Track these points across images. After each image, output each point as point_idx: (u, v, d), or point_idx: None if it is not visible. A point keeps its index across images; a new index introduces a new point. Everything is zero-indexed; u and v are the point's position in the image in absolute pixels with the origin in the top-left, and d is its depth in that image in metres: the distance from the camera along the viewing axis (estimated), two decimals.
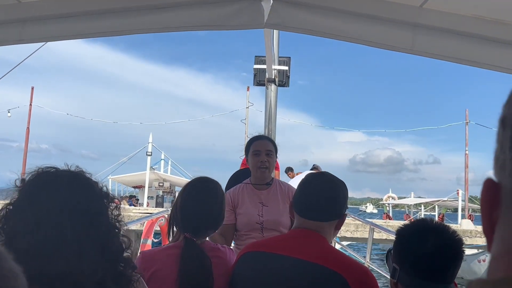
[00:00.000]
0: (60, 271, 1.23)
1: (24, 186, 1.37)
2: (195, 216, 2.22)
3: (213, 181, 2.35)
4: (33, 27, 3.11)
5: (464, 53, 2.89)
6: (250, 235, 3.12)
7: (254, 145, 3.24)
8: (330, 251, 1.96)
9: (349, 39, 3.01)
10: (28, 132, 27.49)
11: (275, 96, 6.05)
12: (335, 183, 2.03)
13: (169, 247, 2.21)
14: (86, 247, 1.30)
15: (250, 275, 2.00)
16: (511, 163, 0.48)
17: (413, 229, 1.76)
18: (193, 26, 3.10)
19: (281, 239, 2.11)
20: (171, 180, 31.84)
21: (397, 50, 2.98)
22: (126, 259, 1.42)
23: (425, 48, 2.91)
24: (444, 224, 1.79)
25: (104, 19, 3.07)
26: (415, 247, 1.69)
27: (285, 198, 3.18)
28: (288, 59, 6.12)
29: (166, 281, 2.09)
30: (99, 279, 1.29)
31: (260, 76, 6.01)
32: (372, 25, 2.92)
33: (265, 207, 3.17)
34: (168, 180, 31.69)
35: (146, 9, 3.04)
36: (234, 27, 3.02)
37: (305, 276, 1.86)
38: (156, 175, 31.11)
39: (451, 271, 1.69)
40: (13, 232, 1.29)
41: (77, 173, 1.43)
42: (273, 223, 3.12)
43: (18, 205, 1.34)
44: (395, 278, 1.73)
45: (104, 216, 1.40)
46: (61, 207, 1.31)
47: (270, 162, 3.22)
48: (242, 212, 3.17)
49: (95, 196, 1.40)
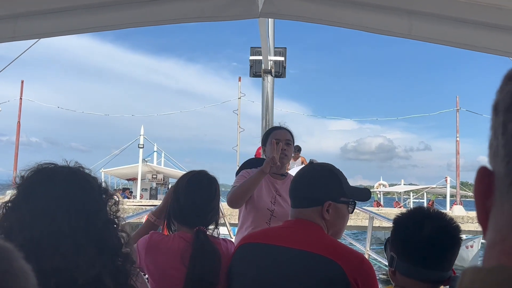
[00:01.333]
0: (56, 266, 1.23)
1: (22, 182, 1.37)
2: (202, 211, 2.23)
3: (211, 175, 2.38)
4: (26, 23, 3.05)
5: (461, 38, 2.89)
6: (257, 223, 3.11)
7: (274, 134, 3.27)
8: (324, 239, 1.96)
9: (346, 25, 3.00)
10: (19, 126, 27.29)
11: (271, 88, 6.03)
12: (316, 170, 2.06)
13: (174, 236, 2.21)
14: (82, 243, 1.29)
15: (247, 266, 2.00)
16: (503, 149, 0.47)
17: (410, 218, 1.76)
18: (186, 19, 3.07)
19: (277, 230, 2.12)
20: (165, 172, 31.84)
21: (394, 35, 2.98)
22: (125, 254, 1.41)
23: (423, 32, 2.91)
24: (441, 212, 1.80)
25: (96, 14, 3.03)
26: (412, 235, 1.69)
27: None
28: (284, 49, 6.10)
29: (169, 269, 2.11)
30: (96, 275, 1.29)
31: (256, 67, 5.98)
32: (369, 11, 2.90)
33: (278, 196, 3.21)
34: (161, 172, 31.68)
35: (139, 2, 3.01)
36: (228, 18, 2.99)
37: (302, 266, 1.86)
38: (149, 167, 31.09)
39: (449, 258, 1.70)
40: (10, 228, 1.29)
41: (75, 169, 1.42)
42: (283, 214, 3.12)
43: (15, 202, 1.34)
44: (392, 267, 1.74)
45: (101, 212, 1.39)
46: (57, 203, 1.31)
47: (289, 151, 3.28)
48: (255, 195, 3.17)
49: (92, 192, 1.40)
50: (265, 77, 5.97)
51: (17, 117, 27.40)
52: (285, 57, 6.05)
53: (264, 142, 3.36)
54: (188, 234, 2.18)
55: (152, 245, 2.17)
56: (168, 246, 2.15)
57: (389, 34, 2.99)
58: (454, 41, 2.94)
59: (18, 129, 27.28)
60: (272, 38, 5.84)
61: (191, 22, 3.16)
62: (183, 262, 2.09)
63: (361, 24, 2.94)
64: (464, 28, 2.85)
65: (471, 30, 2.85)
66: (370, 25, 2.95)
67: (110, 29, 3.22)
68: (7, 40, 3.13)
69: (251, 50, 6.04)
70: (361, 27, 2.95)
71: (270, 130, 3.41)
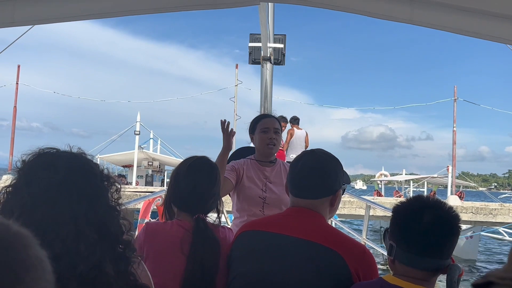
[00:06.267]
0: (56, 252, 1.21)
1: (23, 166, 1.36)
2: (202, 198, 2.22)
3: (212, 162, 2.37)
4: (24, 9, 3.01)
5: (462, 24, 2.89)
6: (250, 211, 3.15)
7: (262, 123, 3.27)
8: (327, 229, 1.96)
9: (347, 10, 2.98)
10: (15, 111, 27.18)
11: (270, 75, 6.01)
12: (325, 160, 2.02)
13: (173, 224, 2.19)
14: (83, 228, 1.28)
15: (247, 254, 1.99)
16: None
17: (409, 206, 1.76)
18: (187, 6, 3.06)
19: (277, 218, 2.10)
20: (160, 159, 31.76)
21: (396, 20, 2.97)
22: (126, 241, 1.40)
23: (424, 18, 2.90)
24: (440, 200, 1.79)
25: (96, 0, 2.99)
26: (411, 224, 1.69)
27: None
28: (283, 36, 6.07)
29: (168, 256, 2.10)
30: (97, 261, 1.28)
31: (255, 54, 5.96)
32: None
33: (269, 183, 3.22)
34: (157, 159, 31.59)
35: None
36: (229, 5, 2.97)
37: (303, 255, 1.85)
38: (145, 154, 30.99)
39: (448, 247, 1.70)
40: (11, 212, 1.28)
41: (77, 154, 1.41)
42: (276, 200, 3.15)
43: (16, 186, 1.33)
44: (392, 255, 1.74)
45: (103, 198, 1.38)
46: (58, 188, 1.30)
47: (277, 139, 3.27)
48: (246, 185, 3.20)
49: (94, 178, 1.38)
50: (264, 64, 5.94)
51: (13, 102, 27.26)
52: (285, 44, 6.02)
53: (252, 130, 3.33)
54: (187, 222, 2.16)
55: (150, 233, 2.16)
56: (167, 234, 2.14)
57: (390, 19, 2.98)
58: (454, 27, 2.93)
59: (15, 114, 27.15)
60: (271, 25, 5.80)
61: (191, 10, 3.15)
62: (183, 251, 2.08)
63: (363, 9, 2.93)
64: (464, 15, 2.85)
65: (471, 17, 2.84)
66: (372, 10, 2.93)
67: (108, 16, 3.19)
68: (6, 25, 3.09)
69: (251, 37, 6.01)
70: (363, 12, 2.94)
71: (258, 118, 3.37)
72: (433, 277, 1.73)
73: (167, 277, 2.06)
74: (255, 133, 3.29)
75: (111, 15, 3.17)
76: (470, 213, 15.85)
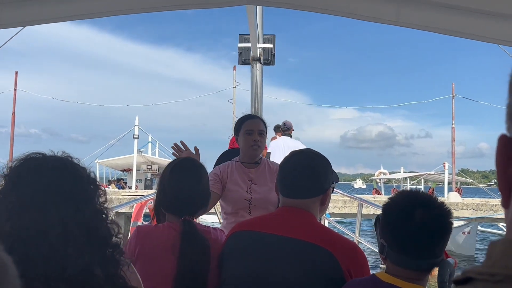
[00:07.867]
0: (44, 255, 1.23)
1: (9, 172, 1.36)
2: (188, 198, 2.22)
3: (197, 161, 2.37)
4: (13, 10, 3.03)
5: (449, 24, 2.88)
6: (237, 214, 3.14)
7: (246, 124, 3.24)
8: (318, 228, 1.98)
9: (333, 12, 2.98)
10: (14, 118, 27.12)
11: (260, 75, 6.02)
12: (314, 159, 2.03)
13: (164, 227, 2.20)
14: (71, 231, 1.29)
15: (238, 255, 1.99)
16: None
17: (399, 205, 1.70)
18: (177, 6, 3.06)
19: (268, 218, 2.11)
20: (159, 163, 31.71)
21: (381, 22, 2.95)
22: (115, 244, 1.41)
23: (410, 19, 2.89)
24: (431, 197, 1.74)
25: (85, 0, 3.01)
26: (402, 225, 1.65)
27: (273, 177, 3.18)
28: (272, 36, 6.08)
29: (159, 259, 2.09)
30: (86, 264, 1.28)
31: (245, 54, 5.97)
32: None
33: (253, 185, 3.20)
34: (156, 163, 31.58)
35: None
36: (216, 5, 2.99)
37: (294, 254, 1.86)
38: (144, 158, 31.01)
39: (440, 246, 1.67)
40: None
41: (63, 158, 1.42)
42: (262, 201, 3.14)
43: (3, 191, 1.34)
44: (384, 254, 1.72)
45: (90, 201, 1.39)
46: (45, 192, 1.31)
47: (262, 141, 3.25)
48: (231, 188, 3.18)
49: (81, 181, 1.39)
50: (254, 65, 5.96)
51: (12, 109, 27.23)
52: (274, 44, 6.04)
53: (236, 131, 3.30)
54: (177, 224, 2.16)
55: (141, 237, 2.16)
56: (158, 237, 2.14)
57: (376, 21, 2.97)
58: (441, 27, 2.91)
59: (13, 121, 27.12)
60: (260, 26, 5.81)
61: (182, 8, 3.14)
62: (173, 253, 2.08)
63: (348, 11, 2.91)
64: (452, 14, 2.83)
65: (459, 16, 2.83)
66: (357, 12, 2.92)
67: (96, 17, 3.18)
68: None
69: (240, 38, 6.02)
70: (348, 14, 2.92)
71: (242, 119, 3.32)
72: (427, 275, 1.70)
73: (158, 280, 2.06)
74: (239, 134, 3.26)
75: (99, 15, 3.17)
76: (471, 209, 15.85)
